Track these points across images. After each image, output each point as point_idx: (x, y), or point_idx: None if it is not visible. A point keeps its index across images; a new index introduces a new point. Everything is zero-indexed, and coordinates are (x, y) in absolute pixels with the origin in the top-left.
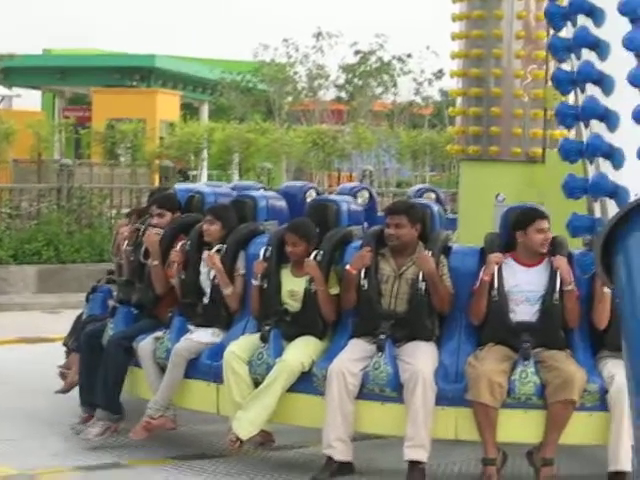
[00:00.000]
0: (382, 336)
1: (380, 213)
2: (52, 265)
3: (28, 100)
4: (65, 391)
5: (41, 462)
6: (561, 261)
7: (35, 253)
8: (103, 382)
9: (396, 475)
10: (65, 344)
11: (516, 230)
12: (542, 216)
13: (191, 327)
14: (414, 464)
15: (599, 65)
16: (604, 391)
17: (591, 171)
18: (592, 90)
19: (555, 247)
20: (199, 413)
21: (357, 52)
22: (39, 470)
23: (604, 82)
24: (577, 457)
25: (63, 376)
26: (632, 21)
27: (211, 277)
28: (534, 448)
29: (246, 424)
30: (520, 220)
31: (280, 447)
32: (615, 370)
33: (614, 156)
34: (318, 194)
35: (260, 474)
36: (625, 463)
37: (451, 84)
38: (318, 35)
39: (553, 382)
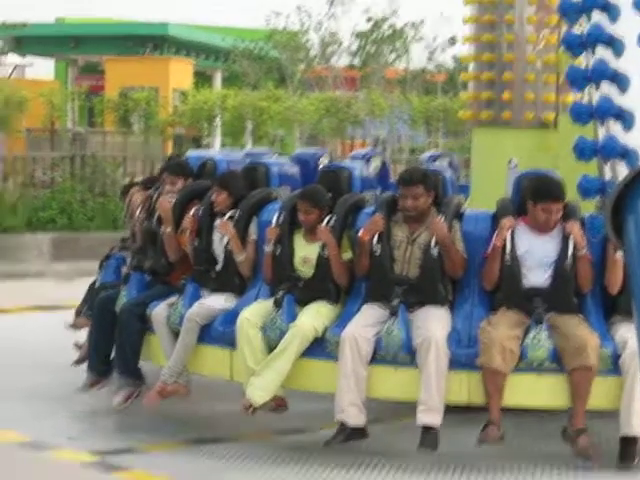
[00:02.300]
0: (395, 301)
1: (392, 179)
2: (65, 233)
3: (41, 69)
4: (81, 361)
5: (56, 446)
6: (574, 226)
7: (49, 221)
8: (120, 350)
9: (412, 452)
10: (78, 311)
11: (528, 199)
12: (555, 198)
13: (204, 293)
14: (427, 429)
15: (609, 28)
16: (617, 356)
17: (601, 133)
18: (602, 52)
19: (568, 212)
20: (215, 389)
21: (369, 19)
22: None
23: (614, 44)
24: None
25: (77, 346)
26: None
27: (224, 244)
28: (567, 423)
29: (259, 390)
30: (534, 192)
31: (294, 430)
32: (628, 334)
33: (624, 118)
34: (331, 161)
35: (272, 457)
36: (637, 428)
37: (464, 51)
38: (331, 2)
39: (568, 349)
